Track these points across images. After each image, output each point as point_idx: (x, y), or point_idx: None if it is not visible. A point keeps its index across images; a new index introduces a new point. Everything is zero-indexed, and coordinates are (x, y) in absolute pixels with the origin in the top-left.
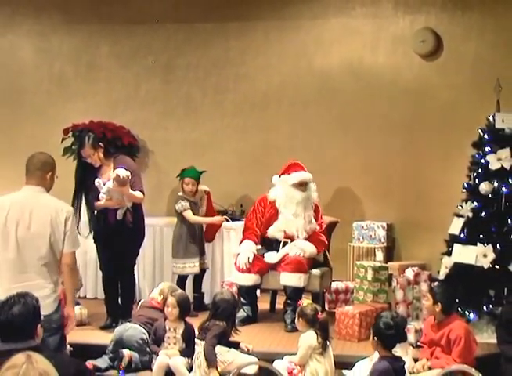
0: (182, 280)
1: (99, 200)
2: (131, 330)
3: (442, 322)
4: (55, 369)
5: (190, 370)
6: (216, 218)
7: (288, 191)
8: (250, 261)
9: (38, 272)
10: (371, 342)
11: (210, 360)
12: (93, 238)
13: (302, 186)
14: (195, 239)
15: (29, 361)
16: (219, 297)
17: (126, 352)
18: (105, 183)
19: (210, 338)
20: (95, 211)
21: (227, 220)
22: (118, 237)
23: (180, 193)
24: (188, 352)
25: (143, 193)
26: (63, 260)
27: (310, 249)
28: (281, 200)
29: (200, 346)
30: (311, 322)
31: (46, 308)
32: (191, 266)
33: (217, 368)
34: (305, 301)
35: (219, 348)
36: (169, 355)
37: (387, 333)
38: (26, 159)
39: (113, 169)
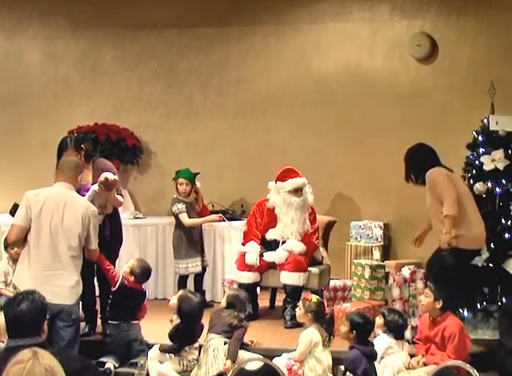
0: (183, 280)
1: None
2: (126, 326)
3: (437, 319)
4: (60, 365)
5: (185, 367)
6: (211, 217)
7: (285, 198)
8: (258, 262)
9: (67, 263)
10: (344, 333)
11: (233, 355)
12: None
13: (297, 191)
14: (195, 239)
15: (35, 357)
16: (242, 295)
17: (144, 360)
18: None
19: (239, 338)
20: None
21: (222, 219)
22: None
23: (175, 195)
24: (167, 348)
25: (123, 197)
26: (93, 258)
27: (297, 248)
28: (280, 208)
29: (216, 339)
30: (317, 317)
31: (69, 298)
32: (194, 266)
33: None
34: (313, 297)
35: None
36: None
37: (366, 327)
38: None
39: (93, 173)
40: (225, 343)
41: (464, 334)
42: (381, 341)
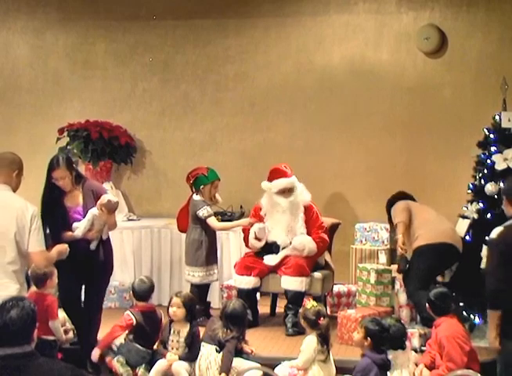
0: (203, 289)
1: (65, 230)
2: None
3: (436, 324)
4: None
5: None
6: (244, 221)
7: (273, 199)
8: (267, 232)
9: (4, 272)
10: (358, 341)
11: (226, 368)
12: (57, 268)
13: (285, 192)
14: (214, 245)
15: None
16: (232, 306)
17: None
18: (80, 220)
19: (230, 350)
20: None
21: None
22: (89, 270)
23: (199, 198)
24: (188, 356)
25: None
26: (35, 262)
27: (310, 244)
28: (266, 208)
29: (206, 349)
30: (313, 325)
31: None
32: (212, 274)
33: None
34: (309, 303)
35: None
36: (169, 361)
37: (382, 335)
38: (21, 158)
39: (83, 195)
40: (216, 350)
41: (454, 337)
42: None
